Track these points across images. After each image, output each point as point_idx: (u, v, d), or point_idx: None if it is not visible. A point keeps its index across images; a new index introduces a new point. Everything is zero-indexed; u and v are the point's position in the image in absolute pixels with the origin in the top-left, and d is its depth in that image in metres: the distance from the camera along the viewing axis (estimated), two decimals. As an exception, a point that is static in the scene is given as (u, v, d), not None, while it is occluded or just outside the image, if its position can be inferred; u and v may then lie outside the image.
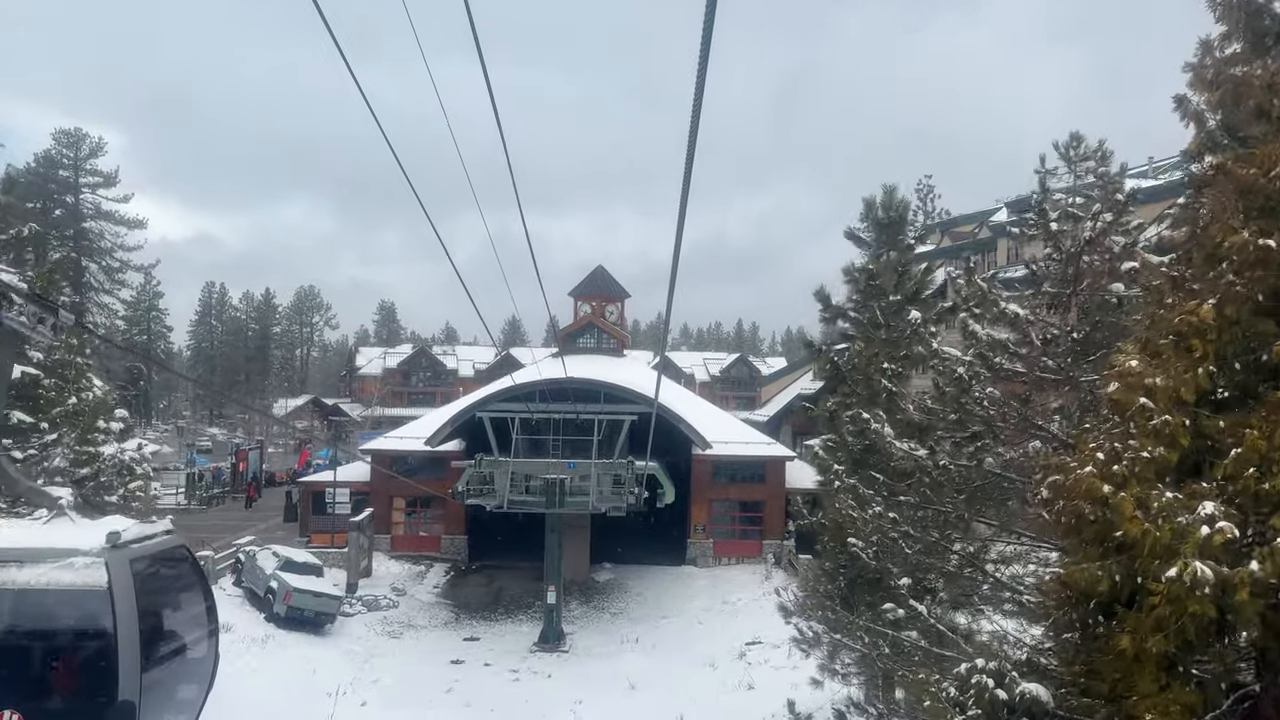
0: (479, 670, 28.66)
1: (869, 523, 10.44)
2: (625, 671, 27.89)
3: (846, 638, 15.65)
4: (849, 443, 16.19)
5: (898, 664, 11.88)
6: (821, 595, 18.36)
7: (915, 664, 11.93)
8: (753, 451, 44.46)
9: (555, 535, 30.86)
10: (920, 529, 9.95)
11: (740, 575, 41.05)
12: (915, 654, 11.78)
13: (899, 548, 10.23)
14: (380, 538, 43.60)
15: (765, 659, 28.23)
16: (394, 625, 32.66)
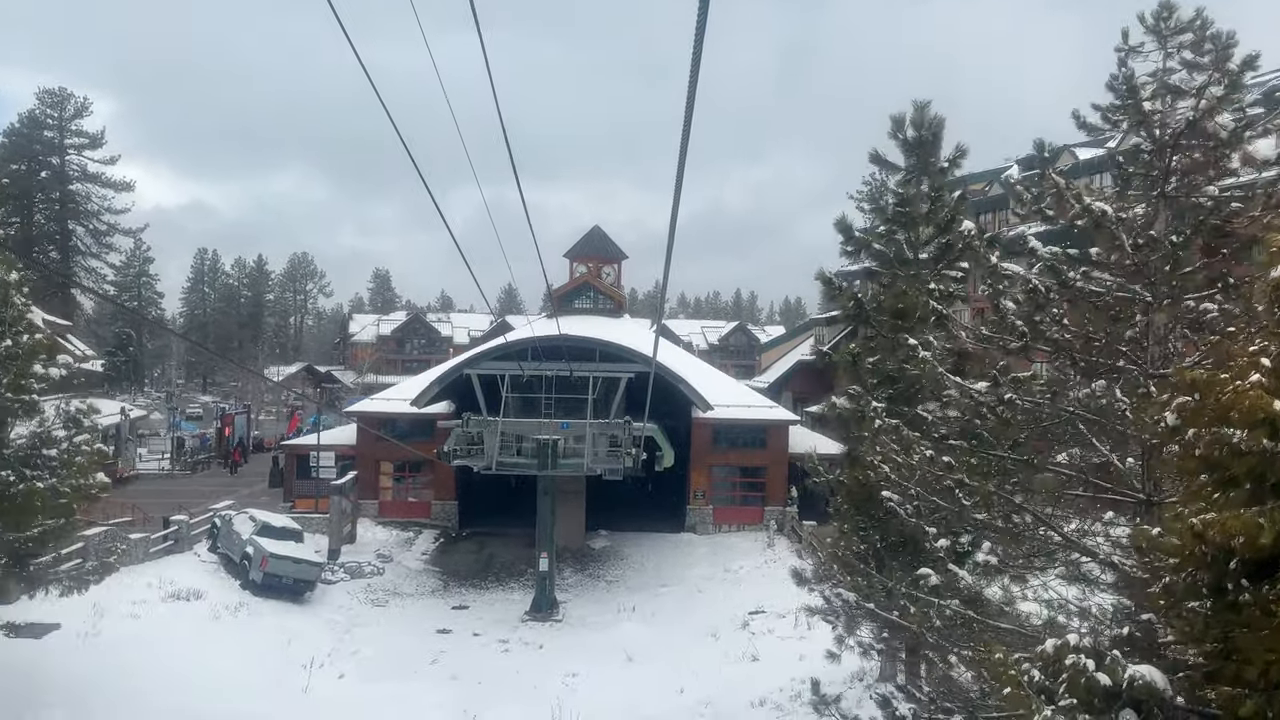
0: (467, 640, 27.06)
1: (913, 471, 8.66)
2: (622, 642, 26.32)
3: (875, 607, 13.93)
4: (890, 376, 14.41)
5: (935, 636, 10.13)
6: (840, 561, 16.62)
7: (958, 638, 10.20)
8: (754, 415, 42.74)
9: (548, 499, 29.16)
10: (978, 477, 8.21)
11: (741, 543, 39.47)
12: (958, 626, 10.06)
13: (950, 500, 8.45)
14: (367, 503, 41.95)
15: (770, 629, 26.66)
16: (378, 593, 31.04)
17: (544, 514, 29.15)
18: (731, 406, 42.44)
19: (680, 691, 22.54)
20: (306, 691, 21.73)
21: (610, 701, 21.92)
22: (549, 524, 29.08)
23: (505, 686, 23.14)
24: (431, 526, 41.82)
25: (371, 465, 42.41)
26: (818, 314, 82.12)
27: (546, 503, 29.15)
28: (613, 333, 39.93)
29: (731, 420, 42.29)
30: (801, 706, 19.84)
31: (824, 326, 78.24)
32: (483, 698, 22.27)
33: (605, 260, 55.21)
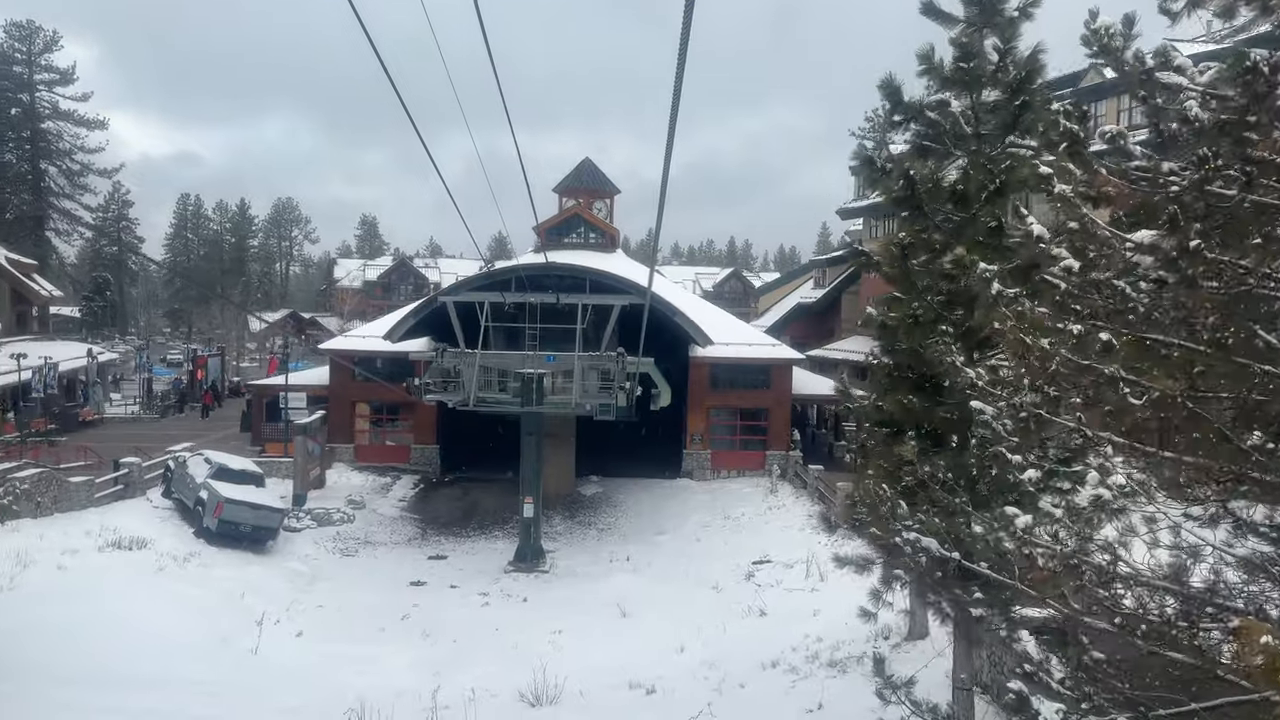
0: (443, 593, 24.50)
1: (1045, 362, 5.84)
2: (614, 595, 23.79)
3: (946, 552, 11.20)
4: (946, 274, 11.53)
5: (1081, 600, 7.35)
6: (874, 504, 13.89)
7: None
8: (756, 354, 39.97)
9: (533, 439, 26.43)
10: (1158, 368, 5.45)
11: (742, 488, 36.95)
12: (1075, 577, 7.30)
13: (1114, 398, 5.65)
14: (342, 447, 39.26)
15: (777, 580, 24.14)
16: (348, 542, 28.42)
17: (528, 455, 26.44)
18: (731, 345, 39.65)
19: (680, 650, 20.03)
20: (256, 652, 19.12)
21: (601, 662, 19.40)
22: (534, 466, 26.39)
23: (483, 645, 20.59)
24: (411, 472, 39.22)
25: (346, 407, 39.64)
26: (815, 256, 79.18)
27: (531, 443, 26.42)
28: (604, 266, 36.97)
29: (731, 359, 39.53)
30: (820, 669, 17.32)
31: (825, 267, 75.29)
32: (457, 658, 19.72)
33: (597, 194, 52.03)
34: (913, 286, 12.35)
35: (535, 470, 26.49)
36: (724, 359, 39.37)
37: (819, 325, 69.47)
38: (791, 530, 29.47)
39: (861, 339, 66.93)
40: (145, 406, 57.60)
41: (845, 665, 17.20)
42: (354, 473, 37.52)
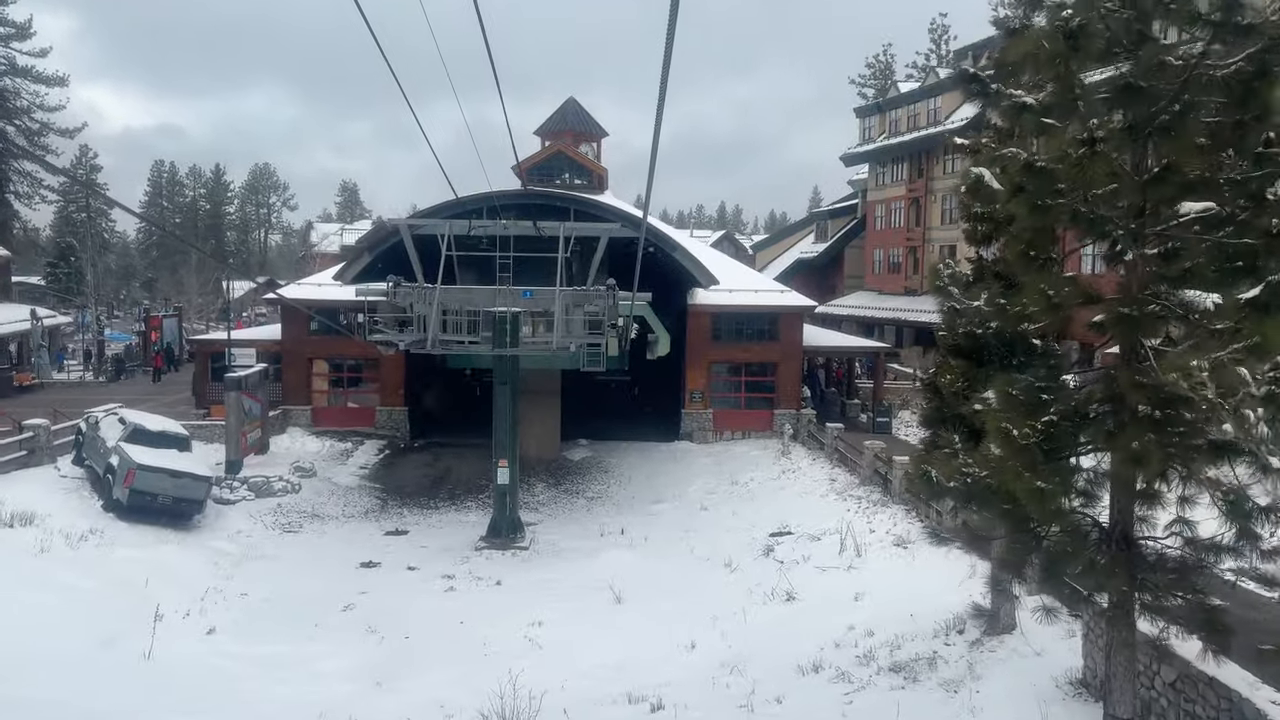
0: (398, 577, 20.25)
1: None
2: (606, 575, 19.59)
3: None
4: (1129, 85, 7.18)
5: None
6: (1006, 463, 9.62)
7: None
8: (763, 301, 35.64)
9: (507, 390, 22.06)
10: None
11: (749, 451, 32.80)
12: None
13: None
14: (298, 410, 34.87)
15: (804, 556, 19.99)
16: (291, 516, 24.09)
17: (502, 411, 22.07)
18: (735, 291, 35.29)
19: (690, 648, 15.87)
20: (148, 657, 14.84)
21: (591, 664, 15.24)
22: (508, 423, 22.02)
23: (442, 643, 16.36)
24: (377, 437, 34.89)
25: (301, 364, 35.18)
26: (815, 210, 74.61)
27: (505, 396, 22.04)
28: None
29: (736, 308, 35.21)
30: (881, 675, 13.15)
31: (827, 219, 70.83)
32: (407, 661, 15.49)
33: (583, 137, 47.41)
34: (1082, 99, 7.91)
35: (510, 428, 22.16)
36: (727, 307, 35.06)
37: (820, 281, 65.19)
38: (811, 497, 25.34)
39: (869, 295, 62.81)
40: (96, 371, 53.25)
41: (914, 671, 13.03)
42: (310, 438, 33.17)
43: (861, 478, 25.49)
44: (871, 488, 24.65)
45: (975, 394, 12.97)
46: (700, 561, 21.04)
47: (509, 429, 22.05)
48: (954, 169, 53.84)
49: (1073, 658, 12.32)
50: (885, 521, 21.22)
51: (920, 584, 16.86)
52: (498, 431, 22.12)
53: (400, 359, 35.22)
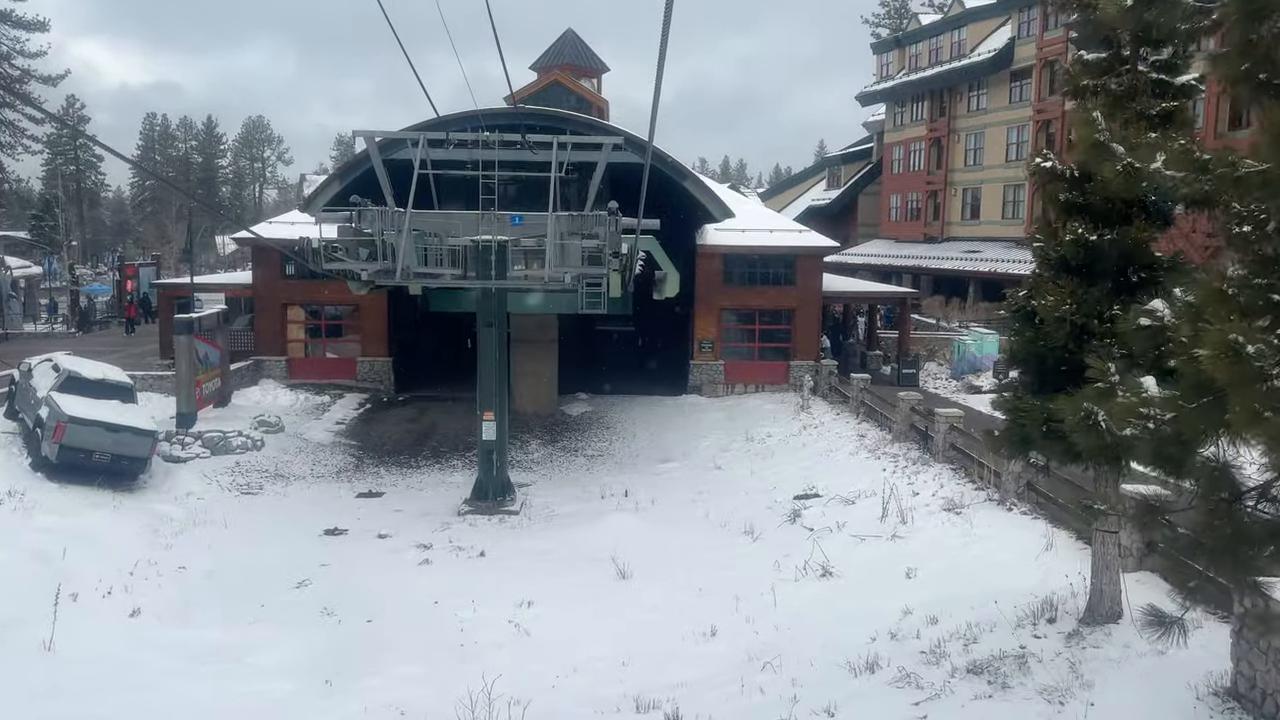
0: (367, 546, 17.45)
1: None
2: (608, 545, 16.79)
3: None
4: None
5: None
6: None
7: None
8: (779, 242, 32.53)
9: (493, 334, 19.08)
10: None
11: (764, 405, 29.98)
12: None
13: None
14: (271, 361, 32.02)
15: (836, 522, 17.16)
16: (251, 476, 21.30)
17: (488, 356, 19.11)
18: (748, 231, 32.22)
19: (710, 635, 13.08)
20: (49, 647, 12.11)
21: (589, 658, 12.48)
22: (495, 370, 19.08)
23: (409, 628, 13.59)
24: (358, 390, 32.08)
25: (275, 311, 32.24)
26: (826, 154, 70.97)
27: (490, 339, 19.07)
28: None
29: (749, 249, 32.14)
30: (958, 678, 10.31)
31: (840, 165, 67.36)
32: (366, 652, 12.72)
33: (583, 72, 44.04)
34: None
35: (497, 377, 19.23)
36: (740, 249, 32.00)
37: (833, 230, 61.34)
38: (839, 455, 22.53)
39: (885, 243, 59.61)
40: (69, 322, 50.52)
41: (1000, 673, 10.21)
42: (283, 391, 30.35)
43: (895, 433, 22.64)
44: (907, 444, 21.83)
45: (1086, 318, 10.09)
46: (716, 528, 18.25)
47: (495, 378, 19.13)
48: (980, 105, 50.43)
49: (1211, 659, 9.50)
50: (929, 482, 18.40)
51: (984, 558, 14.05)
52: (483, 381, 19.19)
53: (382, 306, 32.33)
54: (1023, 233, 46.87)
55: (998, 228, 49.07)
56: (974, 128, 51.02)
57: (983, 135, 50.54)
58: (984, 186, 50.51)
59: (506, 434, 20.23)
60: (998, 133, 49.32)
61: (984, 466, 17.83)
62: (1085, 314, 10.04)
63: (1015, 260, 44.68)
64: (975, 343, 33.22)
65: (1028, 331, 10.79)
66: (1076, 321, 10.07)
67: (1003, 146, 48.95)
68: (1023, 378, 11.15)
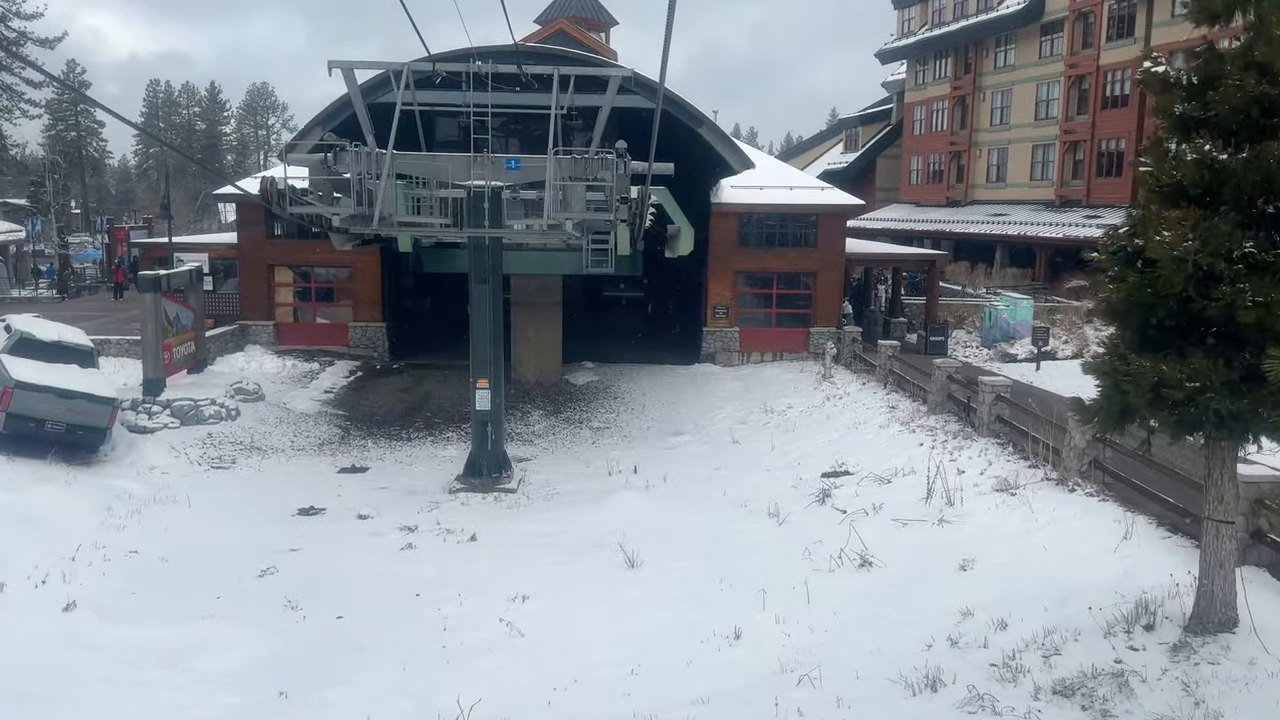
0: (344, 528, 15.60)
1: None
2: (615, 527, 14.92)
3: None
4: None
5: None
6: None
7: None
8: (800, 200, 30.38)
9: (487, 291, 17.08)
10: None
11: (783, 374, 28.04)
12: None
13: None
14: (258, 326, 30.15)
15: (872, 504, 15.22)
16: (224, 448, 19.46)
17: (481, 315, 17.12)
18: (766, 188, 30.09)
19: (734, 639, 11.18)
20: (-41, 650, 10.27)
21: (590, 662, 10.61)
22: (489, 332, 17.10)
23: (385, 626, 11.74)
24: (350, 357, 30.24)
25: (261, 272, 30.31)
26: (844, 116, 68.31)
27: (485, 298, 17.07)
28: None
29: (767, 207, 30.01)
30: (1044, 700, 8.37)
31: (858, 127, 64.82)
32: (330, 654, 10.89)
33: (589, 24, 41.75)
34: None
35: (492, 338, 17.24)
36: (758, 207, 29.88)
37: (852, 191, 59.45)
38: (868, 428, 20.56)
39: (905, 207, 57.28)
40: (59, 287, 48.77)
41: (1096, 695, 8.29)
42: (270, 357, 28.51)
43: (930, 404, 20.66)
44: (944, 416, 19.86)
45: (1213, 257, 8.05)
46: (736, 509, 16.33)
47: (490, 341, 17.14)
48: (1008, 61, 47.92)
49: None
50: (975, 459, 16.43)
51: (1053, 548, 12.11)
52: (476, 344, 17.22)
53: (376, 268, 30.42)
54: (1052, 195, 44.66)
55: (1025, 190, 46.75)
56: (1001, 85, 48.53)
57: (1010, 93, 48.05)
58: (1011, 147, 48.09)
59: (503, 403, 18.30)
60: (1026, 90, 46.84)
61: (1037, 441, 15.86)
62: (1212, 252, 8.00)
63: (1045, 223, 42.45)
64: (1008, 308, 31.12)
65: (1130, 277, 8.75)
66: (1200, 262, 8.03)
67: (1031, 104, 46.49)
68: (1121, 335, 9.13)
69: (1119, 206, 40.39)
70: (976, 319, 33.32)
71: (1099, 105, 42.21)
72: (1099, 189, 42.19)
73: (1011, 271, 43.15)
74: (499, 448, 17.89)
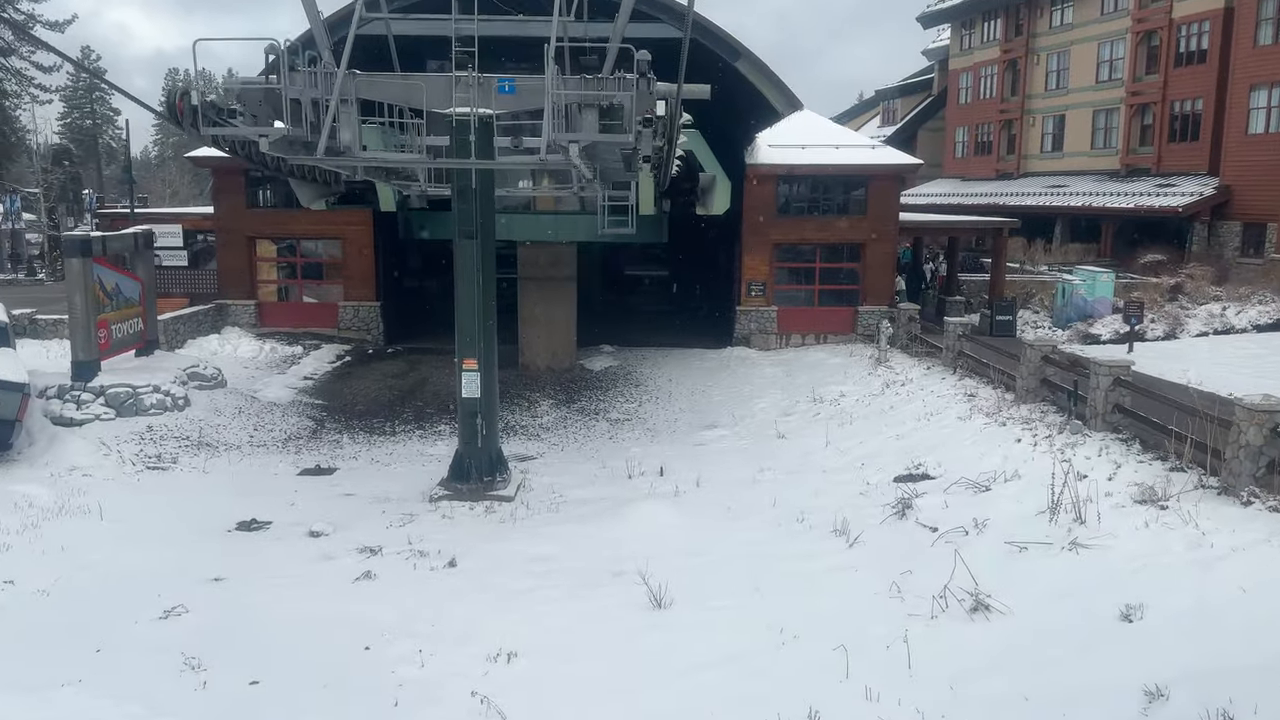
0: (289, 549, 12.18)
1: None
2: (637, 549, 11.48)
3: None
4: None
5: None
6: None
7: None
8: (847, 159, 26.70)
9: (474, 248, 13.56)
10: None
11: (829, 359, 24.52)
12: None
13: None
14: (239, 306, 26.94)
15: (972, 518, 11.66)
16: (167, 444, 16.18)
17: (467, 275, 13.60)
18: (808, 147, 26.48)
19: (809, 726, 7.69)
20: None
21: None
22: (475, 297, 13.57)
23: (312, 702, 8.32)
24: (341, 340, 27.01)
25: (240, 246, 27.09)
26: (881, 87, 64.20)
27: (471, 256, 13.54)
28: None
29: (810, 168, 26.38)
30: None
31: (896, 98, 60.87)
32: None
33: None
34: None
35: (482, 308, 13.76)
36: (800, 168, 26.26)
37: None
38: (945, 420, 16.97)
39: (950, 182, 53.32)
40: (48, 268, 46.33)
41: None
42: (248, 340, 25.31)
43: (1019, 392, 17.05)
44: (1040, 405, 16.27)
45: None
46: (791, 524, 12.82)
47: (479, 311, 13.68)
48: (1065, 19, 43.84)
49: None
50: (1096, 461, 12.82)
51: (1253, 588, 8.55)
52: (462, 314, 13.76)
53: (369, 240, 27.11)
54: (1117, 164, 40.62)
55: (1085, 160, 42.71)
56: (1058, 45, 44.43)
57: (1068, 54, 43.95)
58: (1069, 113, 44.02)
59: (496, 389, 14.85)
60: (1086, 50, 42.74)
61: (1182, 438, 12.24)
62: None
63: (1113, 193, 38.48)
64: (1085, 284, 27.31)
65: None
66: None
67: (1093, 66, 42.38)
68: None
69: (1194, 174, 36.42)
70: (1045, 297, 29.54)
71: (1171, 63, 38.13)
72: (1171, 155, 38.15)
73: (1074, 247, 39.22)
74: (492, 445, 14.44)
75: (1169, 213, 35.08)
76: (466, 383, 13.87)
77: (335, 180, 17.98)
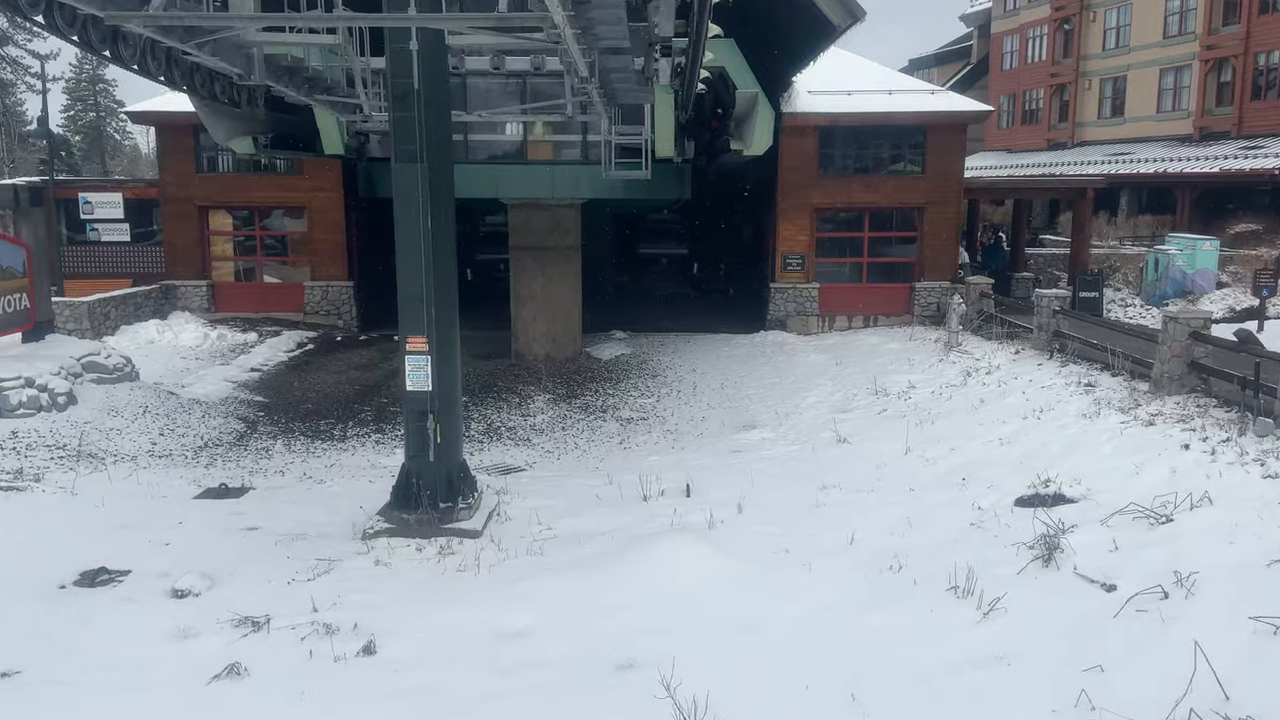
0: (134, 620, 8.20)
1: None
2: (654, 622, 7.45)
3: None
4: None
5: None
6: None
7: None
8: (901, 106, 22.51)
9: (420, 172, 9.45)
10: None
11: (885, 344, 20.38)
12: None
13: None
14: (190, 287, 23.11)
15: (1172, 571, 7.52)
16: (35, 455, 12.23)
17: (408, 214, 9.51)
18: (855, 93, 22.38)
19: None
20: None
21: None
22: (422, 245, 9.44)
23: None
24: (306, 326, 23.07)
25: (190, 218, 23.21)
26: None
27: (416, 182, 9.35)
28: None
29: (860, 116, 22.24)
30: None
31: (932, 68, 56.47)
32: None
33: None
34: None
35: (427, 260, 9.63)
36: (845, 117, 22.14)
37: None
38: (1062, 418, 12.78)
39: (994, 154, 49.02)
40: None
41: None
42: (197, 325, 21.48)
43: (1157, 381, 12.90)
44: (1194, 399, 12.15)
45: None
46: (884, 576, 8.69)
47: (429, 267, 9.63)
48: (1130, -34, 39.32)
49: None
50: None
51: None
52: (404, 271, 9.73)
53: (339, 209, 23.21)
54: (1190, 127, 36.16)
55: (1151, 125, 38.24)
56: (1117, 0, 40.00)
57: (1129, 8, 39.48)
58: (1130, 74, 39.54)
59: (458, 378, 10.79)
60: (1151, 3, 38.30)
61: None
62: None
63: (1189, 158, 34.05)
64: (1184, 254, 23.06)
65: None
66: None
67: (1159, 19, 37.90)
68: None
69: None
70: (1129, 271, 25.31)
71: (1255, 10, 33.66)
72: (1255, 114, 33.67)
73: (1144, 219, 34.87)
74: (451, 457, 10.37)
75: (1261, 176, 30.69)
76: (412, 370, 9.84)
77: (250, 100, 13.82)
